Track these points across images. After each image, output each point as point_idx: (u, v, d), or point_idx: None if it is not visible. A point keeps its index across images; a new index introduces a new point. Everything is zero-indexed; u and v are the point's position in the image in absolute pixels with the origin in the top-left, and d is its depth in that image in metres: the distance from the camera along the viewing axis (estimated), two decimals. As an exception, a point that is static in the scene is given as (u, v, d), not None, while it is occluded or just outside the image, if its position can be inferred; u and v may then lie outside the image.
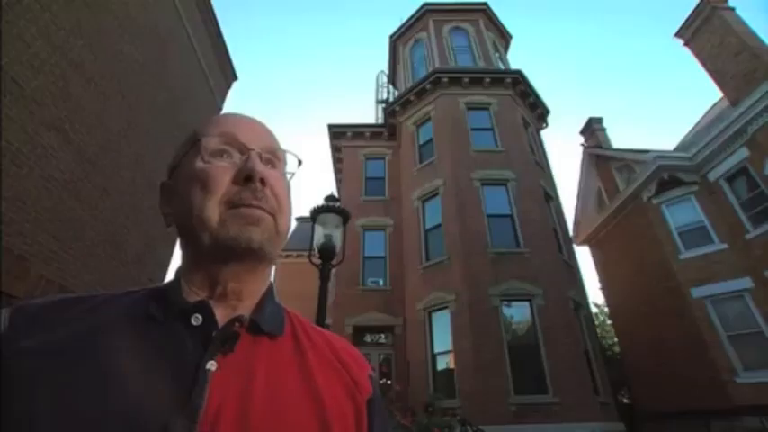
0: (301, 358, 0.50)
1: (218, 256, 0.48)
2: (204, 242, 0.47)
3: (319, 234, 3.67)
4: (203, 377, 0.42)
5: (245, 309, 0.50)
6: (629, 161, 12.43)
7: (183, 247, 0.52)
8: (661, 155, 11.14)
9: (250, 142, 0.52)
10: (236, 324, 0.47)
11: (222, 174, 0.49)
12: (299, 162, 0.59)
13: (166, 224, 0.54)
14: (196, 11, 8.35)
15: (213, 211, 0.48)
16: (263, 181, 0.50)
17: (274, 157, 0.55)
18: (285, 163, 0.57)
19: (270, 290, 0.56)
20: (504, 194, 10.09)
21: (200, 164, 0.50)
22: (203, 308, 0.46)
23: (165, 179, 0.57)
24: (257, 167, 0.50)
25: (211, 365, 0.43)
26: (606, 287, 14.78)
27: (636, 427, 10.87)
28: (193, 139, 0.53)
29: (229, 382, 0.43)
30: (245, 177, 0.49)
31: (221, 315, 0.48)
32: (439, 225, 10.19)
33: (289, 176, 0.57)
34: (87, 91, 5.08)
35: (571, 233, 12.82)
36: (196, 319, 0.45)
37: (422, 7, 15.16)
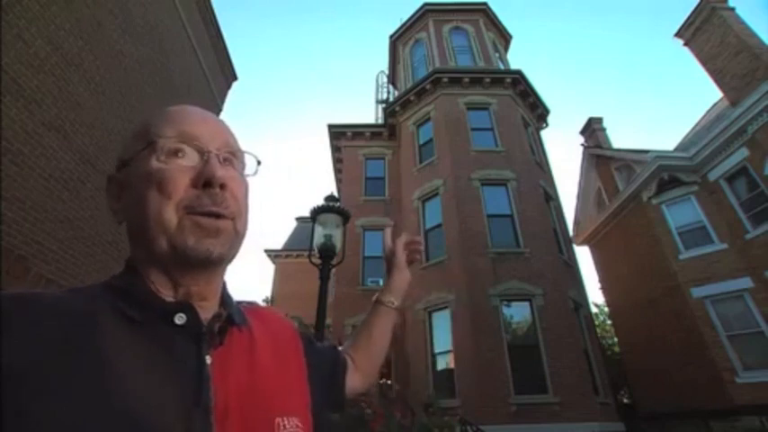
0: (263, 341, 0.55)
1: (176, 262, 0.47)
2: (162, 247, 0.46)
3: (319, 234, 3.67)
4: (207, 372, 0.44)
5: (210, 306, 0.51)
6: (629, 161, 12.43)
7: (138, 246, 0.49)
8: (661, 155, 11.14)
9: (208, 142, 0.51)
10: (219, 320, 0.49)
11: (180, 175, 0.48)
12: (258, 162, 0.58)
13: (117, 221, 0.52)
14: (196, 11, 8.35)
15: (171, 214, 0.46)
16: (222, 185, 0.49)
17: (232, 155, 0.53)
18: (244, 165, 0.56)
19: (225, 284, 0.56)
20: (504, 194, 10.09)
21: (155, 163, 0.48)
22: (187, 308, 0.46)
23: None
24: (218, 172, 0.48)
25: (208, 360, 0.45)
26: (606, 287, 14.78)
27: (636, 427, 10.87)
28: (148, 139, 0.50)
29: (223, 374, 0.46)
30: (205, 182, 0.48)
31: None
32: (439, 225, 10.19)
33: (248, 176, 0.56)
34: (87, 91, 5.08)
35: (571, 233, 12.82)
36: (180, 319, 0.45)
37: (422, 7, 15.16)
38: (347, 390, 0.72)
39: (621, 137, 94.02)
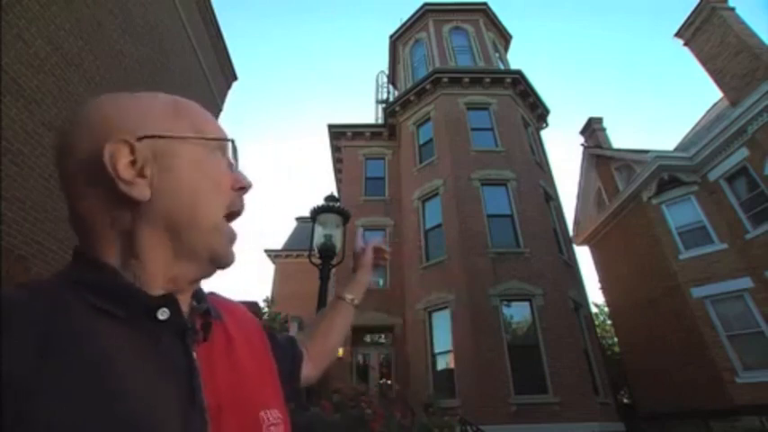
0: (238, 335, 0.55)
1: (201, 262, 0.48)
2: (199, 243, 0.46)
3: (319, 234, 3.67)
4: (197, 369, 0.44)
5: (185, 299, 0.50)
6: (629, 161, 12.44)
7: (148, 231, 0.45)
8: (661, 155, 11.14)
9: (228, 149, 0.54)
10: (197, 312, 0.49)
11: (227, 177, 0.51)
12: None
13: (132, 194, 0.43)
14: (196, 11, 8.35)
15: (219, 216, 0.49)
16: None
17: None
18: None
19: None
20: (504, 194, 10.09)
21: (212, 158, 0.50)
22: (170, 302, 0.44)
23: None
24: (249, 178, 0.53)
25: (194, 356, 0.45)
26: (606, 287, 14.79)
27: (636, 427, 10.87)
28: (201, 131, 0.49)
29: (210, 370, 0.46)
30: (243, 186, 0.52)
31: None
32: (439, 225, 10.19)
33: None
34: (87, 91, 5.08)
35: (571, 233, 12.83)
36: (163, 314, 0.43)
37: (422, 7, 15.17)
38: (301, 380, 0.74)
39: (621, 137, 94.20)
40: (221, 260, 0.49)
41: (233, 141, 0.53)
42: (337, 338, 0.85)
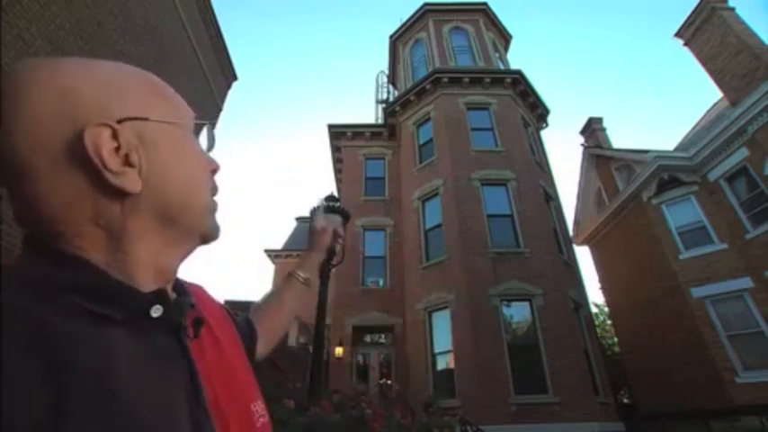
0: (216, 326, 0.54)
1: (192, 243, 0.48)
2: (189, 229, 0.46)
3: (319, 234, 3.67)
4: (196, 368, 0.42)
5: (169, 290, 0.47)
6: (629, 161, 12.44)
7: (142, 225, 0.42)
8: (661, 155, 11.14)
9: None
10: (183, 306, 0.46)
11: (204, 159, 0.50)
12: None
13: (122, 185, 0.39)
14: (196, 11, 8.35)
15: (209, 197, 0.49)
16: None
17: None
18: None
19: None
20: (504, 194, 10.09)
21: (191, 140, 0.48)
22: (162, 299, 0.41)
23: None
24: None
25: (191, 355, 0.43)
26: (606, 287, 14.79)
27: (636, 427, 10.87)
28: (181, 115, 0.47)
29: (205, 367, 0.44)
30: (215, 169, 0.52)
31: None
32: (439, 225, 10.19)
33: None
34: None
35: (571, 233, 12.83)
36: (156, 311, 0.40)
37: (422, 7, 15.17)
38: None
39: (621, 137, 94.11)
40: (212, 234, 0.49)
41: (211, 125, 0.54)
42: (289, 316, 0.85)
